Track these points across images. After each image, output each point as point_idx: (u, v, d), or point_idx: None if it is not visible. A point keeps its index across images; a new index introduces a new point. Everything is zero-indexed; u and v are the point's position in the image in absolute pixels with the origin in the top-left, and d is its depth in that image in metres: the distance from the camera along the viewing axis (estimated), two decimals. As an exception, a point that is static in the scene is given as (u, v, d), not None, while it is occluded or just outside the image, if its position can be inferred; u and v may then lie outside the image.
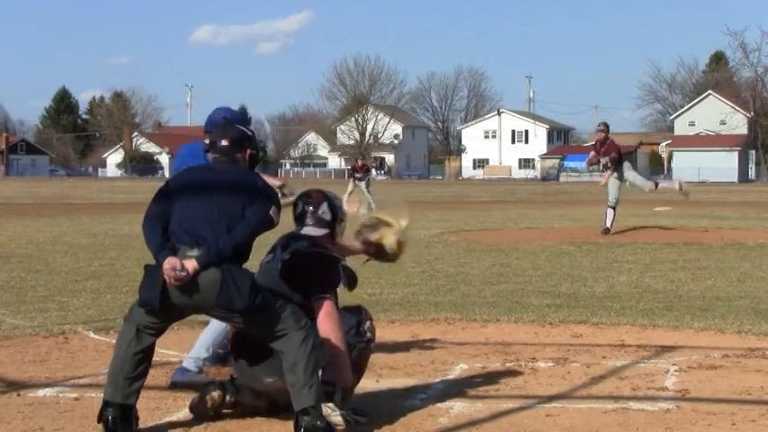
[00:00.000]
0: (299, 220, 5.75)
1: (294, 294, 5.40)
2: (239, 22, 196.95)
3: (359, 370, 5.69)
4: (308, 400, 5.06)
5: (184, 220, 5.14)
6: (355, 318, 5.72)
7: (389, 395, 6.18)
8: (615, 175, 19.03)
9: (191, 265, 4.99)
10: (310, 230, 5.67)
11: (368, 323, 5.75)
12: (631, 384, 6.46)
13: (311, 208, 5.73)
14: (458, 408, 5.86)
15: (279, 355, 5.15)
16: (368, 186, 32.37)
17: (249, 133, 5.56)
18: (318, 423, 5.02)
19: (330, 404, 5.31)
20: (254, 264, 5.37)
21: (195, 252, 5.02)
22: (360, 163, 34.64)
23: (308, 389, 5.07)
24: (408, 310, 9.66)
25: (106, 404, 5.15)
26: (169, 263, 4.99)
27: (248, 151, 5.44)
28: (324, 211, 5.72)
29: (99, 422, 5.18)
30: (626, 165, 19.35)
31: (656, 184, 19.65)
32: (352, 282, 5.69)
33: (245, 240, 5.14)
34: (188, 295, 5.06)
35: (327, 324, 5.47)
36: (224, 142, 5.38)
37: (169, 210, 5.21)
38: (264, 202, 5.22)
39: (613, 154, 18.79)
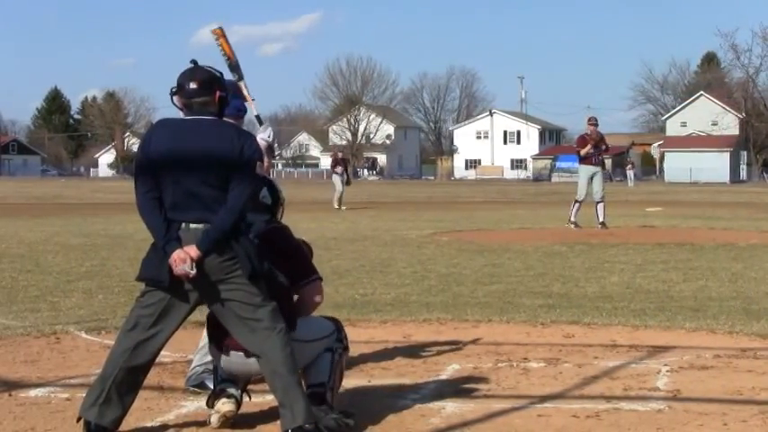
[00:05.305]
0: None
1: (282, 277, 5.29)
2: (241, 23, 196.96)
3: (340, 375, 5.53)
4: (299, 418, 4.98)
5: (177, 199, 4.97)
6: (333, 323, 5.54)
7: (381, 395, 6.18)
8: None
9: (193, 252, 4.89)
10: (252, 216, 5.37)
11: (344, 331, 5.57)
12: (623, 384, 6.46)
13: None
14: (450, 408, 5.86)
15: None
16: (346, 182, 32.18)
17: (217, 74, 5.20)
18: None
19: (323, 407, 5.24)
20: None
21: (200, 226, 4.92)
22: (341, 156, 34.50)
23: (299, 405, 4.99)
24: (400, 311, 9.65)
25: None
26: (178, 257, 4.88)
27: (218, 93, 5.11)
28: (264, 195, 5.54)
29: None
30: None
31: None
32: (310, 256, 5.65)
33: (240, 212, 5.01)
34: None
35: (315, 315, 5.47)
36: (192, 85, 5.08)
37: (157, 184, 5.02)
38: (248, 171, 5.02)
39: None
